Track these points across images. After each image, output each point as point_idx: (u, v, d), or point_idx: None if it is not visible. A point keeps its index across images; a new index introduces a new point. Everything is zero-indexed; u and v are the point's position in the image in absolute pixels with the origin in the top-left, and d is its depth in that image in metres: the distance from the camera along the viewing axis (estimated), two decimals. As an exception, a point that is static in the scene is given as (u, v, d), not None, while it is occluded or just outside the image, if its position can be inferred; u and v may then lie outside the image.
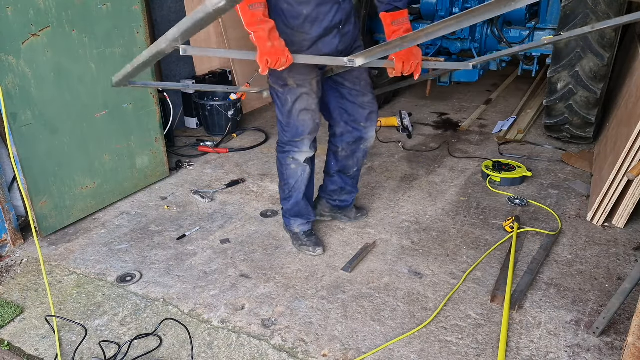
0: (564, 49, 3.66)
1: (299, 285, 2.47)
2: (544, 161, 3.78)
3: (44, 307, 2.37)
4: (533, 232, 2.85)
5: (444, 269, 2.57)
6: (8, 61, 2.52)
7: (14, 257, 2.76)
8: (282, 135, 2.57)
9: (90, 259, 2.72)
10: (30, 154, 2.70)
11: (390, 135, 4.38)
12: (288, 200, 2.73)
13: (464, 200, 3.24)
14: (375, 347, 2.08)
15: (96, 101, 3.00)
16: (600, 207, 2.90)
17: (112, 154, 3.17)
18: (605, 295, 2.36)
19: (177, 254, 2.74)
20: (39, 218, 2.82)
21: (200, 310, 2.32)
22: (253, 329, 2.20)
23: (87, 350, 2.12)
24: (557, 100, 3.82)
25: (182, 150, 4.08)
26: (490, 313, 2.26)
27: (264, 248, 2.79)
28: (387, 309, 2.30)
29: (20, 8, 2.53)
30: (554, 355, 2.03)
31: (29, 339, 2.20)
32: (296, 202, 2.71)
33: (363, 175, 3.60)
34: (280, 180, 2.73)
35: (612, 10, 3.47)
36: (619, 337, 2.11)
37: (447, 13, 4.45)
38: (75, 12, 2.79)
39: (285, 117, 2.48)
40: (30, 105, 2.66)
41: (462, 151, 4.02)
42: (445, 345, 2.09)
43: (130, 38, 3.12)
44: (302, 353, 2.07)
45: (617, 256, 2.64)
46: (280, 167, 2.66)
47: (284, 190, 2.72)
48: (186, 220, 3.08)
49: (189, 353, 2.09)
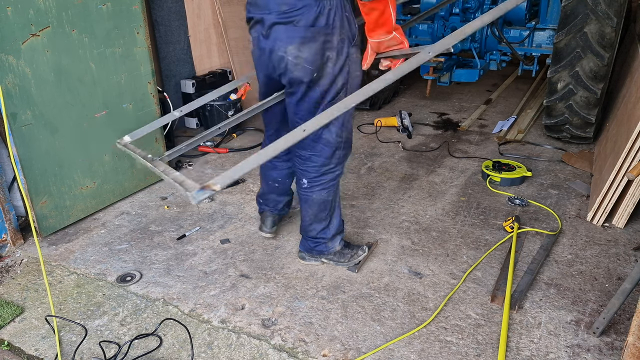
0: (564, 49, 3.67)
1: (299, 285, 2.47)
2: (544, 161, 3.78)
3: (44, 307, 2.37)
4: (533, 232, 2.85)
5: (444, 269, 2.57)
6: (8, 61, 2.52)
7: (14, 257, 2.76)
8: (340, 153, 2.31)
9: (90, 259, 2.72)
10: (30, 154, 2.70)
11: (390, 135, 4.38)
12: (334, 223, 2.50)
13: (464, 200, 3.24)
14: (375, 347, 2.08)
15: (96, 101, 3.01)
16: (600, 207, 2.90)
17: (112, 154, 3.17)
18: (605, 295, 2.36)
19: (177, 254, 2.74)
20: (39, 218, 2.82)
21: (200, 310, 2.32)
22: (253, 329, 2.20)
23: (87, 350, 2.12)
24: (557, 100, 3.82)
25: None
26: (490, 313, 2.26)
27: (264, 248, 2.78)
28: (387, 309, 2.30)
29: (20, 8, 2.53)
30: (554, 355, 2.03)
31: (29, 339, 2.20)
32: (338, 216, 2.53)
33: (363, 175, 3.60)
34: (324, 211, 2.43)
35: (612, 10, 3.47)
36: (619, 337, 2.11)
37: (447, 13, 4.45)
38: (75, 12, 2.79)
39: (347, 127, 2.27)
40: (30, 105, 2.66)
41: (462, 151, 4.02)
42: (445, 345, 2.09)
43: (130, 38, 3.12)
44: (302, 353, 2.07)
45: (617, 256, 2.64)
46: (335, 195, 2.42)
47: (333, 215, 2.47)
48: (186, 220, 3.08)
49: (189, 353, 2.09)
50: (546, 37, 4.39)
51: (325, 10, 2.04)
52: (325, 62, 2.10)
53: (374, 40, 2.17)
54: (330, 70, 2.13)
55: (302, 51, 2.06)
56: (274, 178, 2.68)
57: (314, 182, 2.36)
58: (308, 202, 2.42)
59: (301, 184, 2.40)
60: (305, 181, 2.37)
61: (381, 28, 2.12)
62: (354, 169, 3.73)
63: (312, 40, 2.06)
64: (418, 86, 5.71)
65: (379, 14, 2.06)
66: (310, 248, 2.57)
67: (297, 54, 2.07)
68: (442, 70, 4.41)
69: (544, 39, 4.41)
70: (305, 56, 2.07)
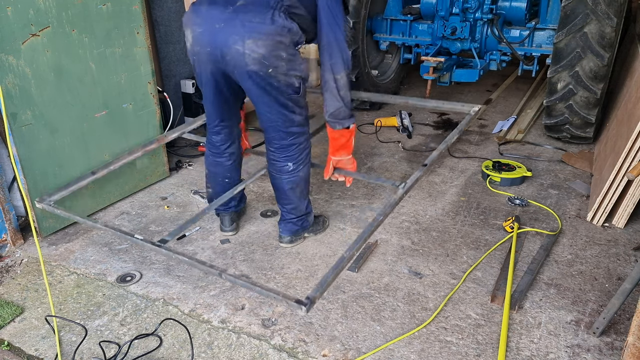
0: (564, 49, 3.67)
1: (299, 285, 2.47)
2: (544, 161, 3.78)
3: (44, 307, 2.37)
4: (533, 232, 2.85)
5: (444, 269, 2.57)
6: (8, 61, 2.52)
7: (14, 257, 2.76)
8: (307, 127, 2.59)
9: (90, 259, 2.72)
10: (30, 154, 2.70)
11: (390, 135, 4.38)
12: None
13: (464, 200, 3.25)
14: (375, 347, 2.08)
15: (96, 101, 3.01)
16: (600, 207, 2.90)
17: (112, 154, 3.16)
18: (605, 295, 2.36)
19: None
20: (39, 218, 2.82)
21: (200, 310, 2.33)
22: (253, 329, 2.20)
23: (87, 350, 2.12)
24: (557, 100, 3.82)
25: (182, 150, 4.08)
26: (490, 313, 2.26)
27: (264, 248, 2.79)
28: (387, 309, 2.30)
29: (20, 8, 2.53)
30: (554, 355, 2.03)
31: (29, 339, 2.20)
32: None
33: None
34: (307, 184, 2.71)
35: (612, 10, 3.47)
36: (619, 337, 2.11)
37: (447, 13, 4.45)
38: (75, 12, 2.79)
39: (305, 104, 2.54)
40: (30, 105, 2.66)
41: (462, 151, 4.02)
42: (445, 345, 2.09)
43: (130, 38, 3.12)
44: (302, 353, 2.07)
45: (617, 256, 2.64)
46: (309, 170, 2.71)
47: (307, 191, 2.74)
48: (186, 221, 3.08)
49: (189, 353, 2.09)
50: (546, 37, 4.39)
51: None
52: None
53: (335, 159, 2.63)
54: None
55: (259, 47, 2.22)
56: (223, 174, 2.78)
57: (298, 162, 2.58)
58: (295, 183, 2.61)
59: (286, 169, 2.58)
60: (291, 164, 2.57)
61: (344, 150, 2.59)
62: (354, 169, 3.72)
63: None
64: (418, 86, 5.71)
65: (345, 140, 2.55)
66: (296, 229, 2.76)
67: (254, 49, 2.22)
68: (442, 70, 4.41)
69: (544, 39, 4.41)
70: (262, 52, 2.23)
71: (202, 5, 2.32)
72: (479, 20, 4.48)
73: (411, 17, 4.82)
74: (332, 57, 2.34)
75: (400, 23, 4.90)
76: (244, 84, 2.34)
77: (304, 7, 2.28)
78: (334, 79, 2.36)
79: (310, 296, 1.82)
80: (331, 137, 2.56)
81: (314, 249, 2.76)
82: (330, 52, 2.33)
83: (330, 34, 2.31)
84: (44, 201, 2.59)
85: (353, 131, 2.55)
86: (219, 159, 2.73)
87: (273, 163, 2.60)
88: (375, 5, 4.83)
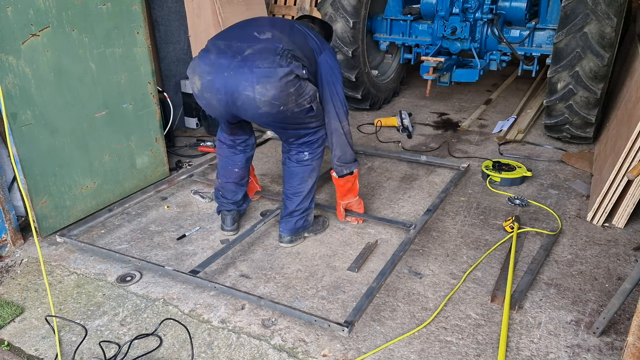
0: (564, 49, 3.67)
1: (299, 285, 2.47)
2: (544, 161, 3.78)
3: (44, 307, 2.37)
4: (533, 232, 2.85)
5: (444, 269, 2.57)
6: (8, 61, 2.52)
7: (14, 257, 2.76)
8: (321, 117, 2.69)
9: (90, 259, 2.72)
10: (30, 154, 2.70)
11: (390, 135, 4.38)
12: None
13: (464, 200, 3.25)
14: (375, 347, 2.08)
15: (96, 101, 3.01)
16: (600, 207, 2.90)
17: (112, 154, 3.17)
18: (605, 295, 2.36)
19: (177, 254, 2.74)
20: (39, 218, 2.82)
21: (200, 310, 2.33)
22: (253, 329, 2.20)
23: (87, 350, 2.12)
24: (557, 100, 3.82)
25: (182, 150, 4.08)
26: (490, 313, 2.26)
27: (264, 248, 2.79)
28: (387, 309, 2.30)
29: (20, 8, 2.53)
30: (554, 355, 2.03)
31: (29, 339, 2.20)
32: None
33: (363, 175, 3.60)
34: (317, 174, 2.77)
35: (612, 10, 3.47)
36: (619, 337, 2.11)
37: (447, 13, 4.45)
38: (75, 12, 2.79)
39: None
40: (30, 105, 2.66)
41: (462, 151, 4.02)
42: (445, 345, 2.09)
43: (130, 38, 3.12)
44: (302, 353, 2.07)
45: (617, 256, 2.64)
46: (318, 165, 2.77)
47: (315, 187, 2.80)
48: (186, 220, 3.08)
49: (189, 353, 2.09)
50: (546, 37, 4.39)
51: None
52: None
53: (344, 202, 2.91)
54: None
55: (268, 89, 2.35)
56: (235, 162, 2.85)
57: (314, 152, 2.69)
58: (307, 173, 2.70)
59: (302, 159, 2.67)
60: (307, 154, 2.68)
61: (350, 193, 2.88)
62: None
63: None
64: (418, 86, 5.71)
65: (350, 185, 2.82)
66: (298, 227, 2.77)
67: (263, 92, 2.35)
68: (442, 70, 4.41)
69: (544, 39, 4.41)
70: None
71: (210, 53, 2.43)
72: (479, 20, 4.48)
73: (411, 17, 4.82)
74: (336, 107, 2.60)
75: (400, 23, 4.90)
76: (257, 122, 2.54)
77: (307, 58, 2.46)
78: (341, 125, 2.62)
79: (348, 320, 2.09)
80: (337, 184, 2.84)
81: (314, 249, 2.76)
82: (334, 103, 2.59)
83: (333, 88, 2.57)
84: (65, 236, 2.79)
85: (356, 175, 2.82)
86: (231, 149, 2.84)
87: (289, 152, 2.71)
88: (375, 5, 4.83)
